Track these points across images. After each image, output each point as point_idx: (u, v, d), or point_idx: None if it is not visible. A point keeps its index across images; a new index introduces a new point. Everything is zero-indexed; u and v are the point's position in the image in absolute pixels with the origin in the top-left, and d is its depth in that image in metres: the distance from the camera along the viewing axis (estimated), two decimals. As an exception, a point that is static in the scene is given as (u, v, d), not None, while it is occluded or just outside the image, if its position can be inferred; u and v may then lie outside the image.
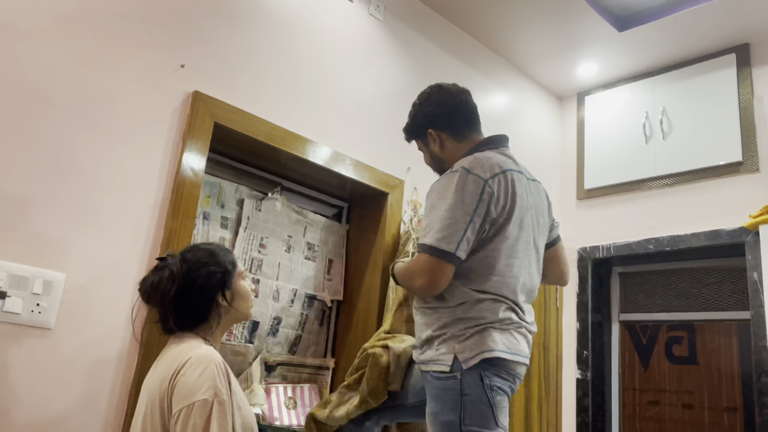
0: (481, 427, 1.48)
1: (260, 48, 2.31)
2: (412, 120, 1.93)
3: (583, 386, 3.28)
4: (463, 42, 3.21)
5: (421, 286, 1.60)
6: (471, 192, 1.59)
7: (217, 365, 1.42)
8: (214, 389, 1.37)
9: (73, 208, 1.77)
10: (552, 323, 3.39)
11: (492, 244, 1.62)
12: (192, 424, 1.32)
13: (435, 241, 1.57)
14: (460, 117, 1.86)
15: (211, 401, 1.35)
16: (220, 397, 1.37)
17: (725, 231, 2.95)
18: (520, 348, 1.59)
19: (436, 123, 1.85)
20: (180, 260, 1.56)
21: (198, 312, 1.55)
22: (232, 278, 1.61)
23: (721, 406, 2.97)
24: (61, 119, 1.78)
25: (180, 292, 1.52)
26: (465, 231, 1.56)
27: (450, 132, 1.85)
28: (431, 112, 1.86)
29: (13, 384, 1.60)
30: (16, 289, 1.63)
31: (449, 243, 1.55)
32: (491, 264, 1.60)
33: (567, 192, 3.67)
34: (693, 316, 3.17)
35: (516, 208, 1.66)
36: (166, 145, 2.00)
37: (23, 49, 1.73)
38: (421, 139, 1.91)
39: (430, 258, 1.57)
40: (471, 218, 1.57)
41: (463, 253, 1.57)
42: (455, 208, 1.58)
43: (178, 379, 1.39)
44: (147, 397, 1.47)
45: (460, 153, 1.80)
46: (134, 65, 1.96)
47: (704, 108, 3.16)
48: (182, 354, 1.45)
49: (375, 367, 1.78)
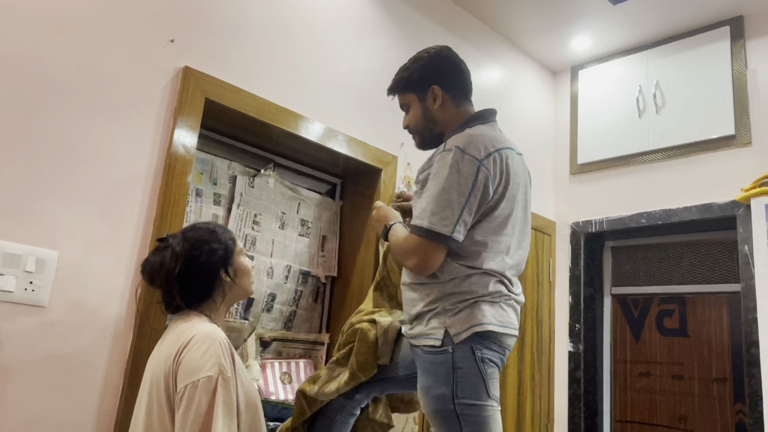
0: (473, 399, 1.49)
1: (251, 23, 2.28)
2: (415, 71, 1.81)
3: (575, 359, 3.32)
4: (455, 15, 3.18)
5: (413, 266, 1.60)
6: (466, 173, 1.57)
7: (221, 343, 1.44)
8: (219, 366, 1.39)
9: (65, 185, 1.76)
10: (545, 297, 3.42)
11: (484, 221, 1.61)
12: (197, 401, 1.34)
13: (429, 223, 1.56)
14: (465, 84, 1.82)
15: (215, 378, 1.37)
16: (225, 374, 1.39)
17: (717, 204, 2.97)
18: (510, 320, 1.61)
19: (444, 80, 1.78)
20: (182, 239, 1.57)
21: (202, 289, 1.57)
22: (233, 255, 1.63)
23: (711, 377, 3.02)
24: (49, 96, 1.76)
25: (184, 270, 1.53)
26: (461, 213, 1.55)
27: (452, 95, 1.79)
28: (443, 69, 1.79)
29: (8, 362, 1.61)
30: (8, 267, 1.62)
31: (445, 225, 1.54)
32: (481, 240, 1.60)
33: (560, 167, 3.67)
34: (684, 289, 3.20)
35: (510, 186, 1.65)
36: (157, 121, 1.98)
37: (10, 25, 1.71)
38: (418, 93, 1.81)
39: (423, 240, 1.56)
40: (467, 199, 1.56)
41: (460, 235, 1.56)
42: (450, 190, 1.56)
43: (183, 355, 1.41)
44: (152, 375, 1.48)
45: (455, 120, 1.77)
46: (123, 40, 1.93)
47: (698, 81, 3.15)
48: (187, 331, 1.47)
49: (363, 341, 1.79)
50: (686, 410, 3.06)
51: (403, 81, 1.84)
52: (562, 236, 3.54)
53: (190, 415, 1.33)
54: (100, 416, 1.75)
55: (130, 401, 1.74)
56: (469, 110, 1.81)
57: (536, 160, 3.54)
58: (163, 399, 1.41)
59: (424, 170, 1.68)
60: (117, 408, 1.78)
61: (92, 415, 1.74)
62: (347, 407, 1.85)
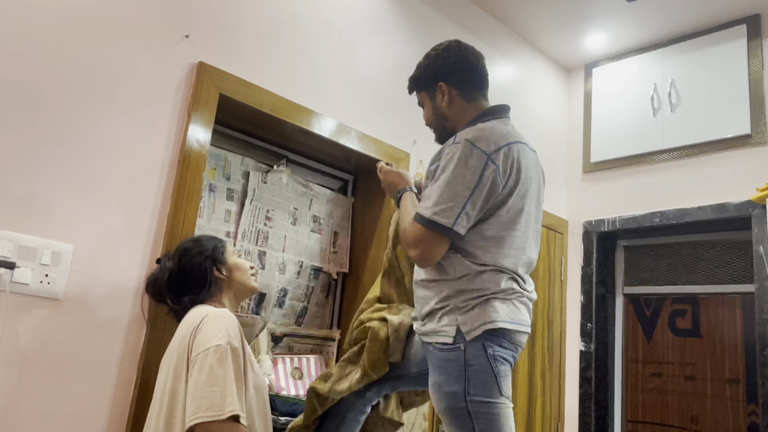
0: (485, 396, 1.49)
1: (265, 19, 2.28)
2: (423, 69, 1.83)
3: (587, 358, 3.31)
4: (469, 12, 3.17)
5: (415, 257, 1.60)
6: (473, 167, 1.56)
7: (232, 321, 1.55)
8: (228, 336, 1.48)
9: (80, 179, 1.77)
10: (556, 296, 3.40)
11: (494, 217, 1.61)
12: (209, 365, 1.42)
13: (431, 213, 1.55)
14: (474, 78, 1.80)
15: (225, 346, 1.46)
16: (233, 344, 1.48)
17: (732, 204, 2.94)
18: (522, 317, 1.60)
19: (450, 77, 1.78)
20: (171, 254, 1.76)
21: (198, 286, 1.69)
22: (223, 254, 1.77)
23: (724, 378, 3.00)
24: (64, 91, 1.77)
25: (177, 275, 1.70)
26: (464, 205, 1.54)
27: (461, 90, 1.78)
28: (448, 65, 1.79)
29: (24, 353, 1.63)
30: (24, 260, 1.64)
31: (447, 217, 1.54)
32: (492, 237, 1.60)
33: (573, 165, 3.66)
34: (697, 289, 3.18)
35: (520, 181, 1.63)
36: (172, 116, 1.99)
37: (26, 23, 1.72)
38: (428, 91, 1.83)
39: (425, 230, 1.56)
40: (471, 193, 1.55)
41: (462, 228, 1.55)
42: (456, 183, 1.55)
43: (198, 332, 1.50)
44: (168, 358, 1.56)
45: (466, 115, 1.77)
46: (138, 36, 1.94)
47: (713, 80, 3.12)
48: (200, 314, 1.56)
49: (375, 340, 1.79)
50: (698, 411, 3.04)
51: (413, 80, 1.87)
52: (575, 235, 3.53)
53: (202, 377, 1.41)
54: (113, 408, 1.77)
55: (143, 394, 1.76)
56: (482, 105, 1.79)
57: (549, 158, 3.53)
58: (182, 374, 1.47)
59: (434, 162, 1.68)
60: (130, 400, 1.79)
61: (106, 407, 1.75)
62: (358, 405, 1.85)
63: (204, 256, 1.72)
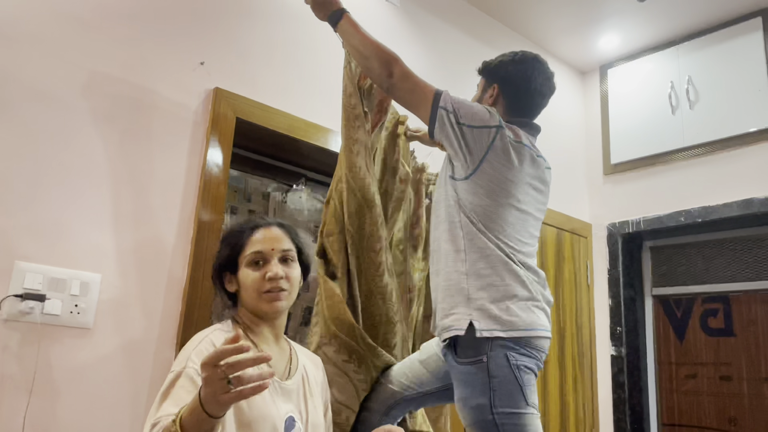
0: (512, 407, 1.48)
1: (277, 41, 2.32)
2: (494, 64, 1.86)
3: (618, 363, 3.26)
4: (481, 22, 3.18)
5: (377, 73, 1.82)
6: (482, 119, 1.65)
7: (205, 345, 1.33)
8: (187, 361, 1.28)
9: (103, 209, 1.81)
10: (583, 301, 3.37)
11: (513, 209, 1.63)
12: (159, 392, 1.26)
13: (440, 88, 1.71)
14: (528, 100, 1.80)
15: (178, 372, 1.27)
16: (188, 370, 1.27)
17: (758, 199, 2.89)
18: (541, 322, 1.58)
19: (506, 85, 1.80)
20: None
21: (222, 293, 1.49)
22: (236, 261, 1.44)
23: (761, 377, 2.93)
24: (84, 123, 1.82)
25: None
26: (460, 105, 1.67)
27: (508, 102, 1.80)
28: (511, 75, 1.80)
29: (58, 383, 1.66)
30: (54, 291, 1.68)
31: (444, 98, 1.67)
32: (511, 241, 1.61)
33: (593, 168, 3.63)
34: (728, 287, 3.12)
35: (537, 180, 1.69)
36: (191, 142, 2.03)
37: (41, 55, 1.77)
38: (486, 82, 1.87)
39: (425, 86, 1.74)
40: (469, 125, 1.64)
41: (448, 105, 1.66)
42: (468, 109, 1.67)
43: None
44: None
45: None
46: (154, 65, 1.99)
47: (731, 75, 3.08)
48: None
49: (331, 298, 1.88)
50: (736, 412, 2.98)
51: (485, 65, 1.91)
52: (599, 238, 3.49)
53: (156, 397, 1.26)
54: (146, 433, 1.79)
55: (174, 418, 1.78)
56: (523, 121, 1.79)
57: (568, 162, 3.51)
58: None
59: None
60: (162, 425, 1.81)
61: (140, 430, 1.78)
62: (385, 424, 1.84)
63: (218, 260, 1.47)
